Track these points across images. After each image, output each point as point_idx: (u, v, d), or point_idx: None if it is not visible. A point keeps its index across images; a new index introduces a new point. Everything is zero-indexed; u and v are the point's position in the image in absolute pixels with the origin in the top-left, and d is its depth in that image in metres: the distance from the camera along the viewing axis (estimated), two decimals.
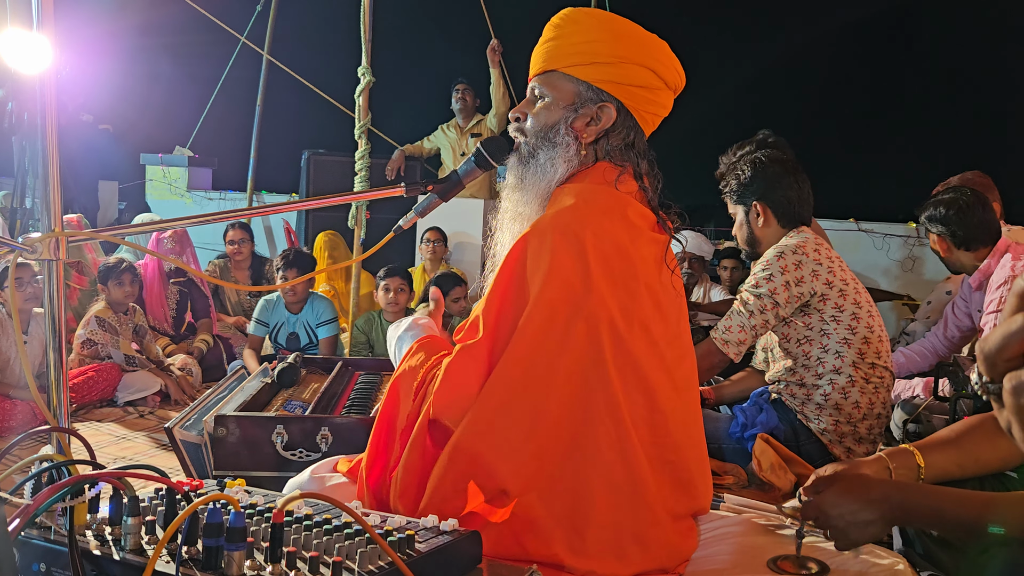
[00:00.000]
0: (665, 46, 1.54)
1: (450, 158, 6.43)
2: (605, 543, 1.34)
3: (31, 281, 3.62)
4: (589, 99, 1.51)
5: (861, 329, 2.53)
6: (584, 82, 1.50)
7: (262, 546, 1.00)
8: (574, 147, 1.51)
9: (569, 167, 1.51)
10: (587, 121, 1.51)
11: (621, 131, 1.52)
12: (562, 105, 1.52)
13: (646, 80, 1.50)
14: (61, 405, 1.31)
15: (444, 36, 9.69)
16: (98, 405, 3.94)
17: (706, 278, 5.32)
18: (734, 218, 2.81)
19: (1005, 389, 0.74)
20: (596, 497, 1.35)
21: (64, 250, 1.27)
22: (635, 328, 1.39)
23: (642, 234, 1.47)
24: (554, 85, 1.53)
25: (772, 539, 1.64)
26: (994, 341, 0.76)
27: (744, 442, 2.56)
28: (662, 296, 1.48)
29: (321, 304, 4.44)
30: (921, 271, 6.19)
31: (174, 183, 8.37)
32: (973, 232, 3.07)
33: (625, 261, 1.40)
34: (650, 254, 1.48)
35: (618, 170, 1.50)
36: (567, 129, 1.51)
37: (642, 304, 1.41)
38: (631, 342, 1.38)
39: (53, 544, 1.03)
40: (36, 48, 1.33)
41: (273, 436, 2.27)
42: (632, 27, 1.52)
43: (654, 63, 1.51)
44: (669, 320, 1.49)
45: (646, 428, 1.41)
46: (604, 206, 1.44)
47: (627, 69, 1.49)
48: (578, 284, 1.36)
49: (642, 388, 1.40)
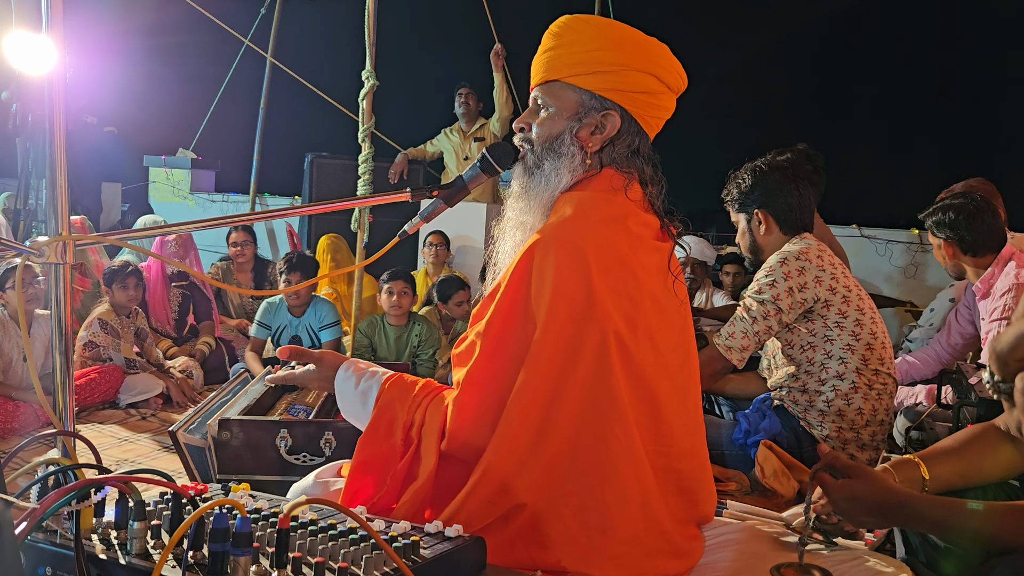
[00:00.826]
0: (666, 49, 1.53)
1: (453, 162, 6.44)
2: (613, 552, 1.35)
3: (32, 282, 3.63)
4: (593, 108, 1.50)
5: (864, 335, 2.53)
6: (587, 91, 1.50)
7: (267, 551, 1.00)
8: (579, 156, 1.50)
9: (574, 176, 1.50)
10: (592, 130, 1.51)
11: (626, 138, 1.52)
12: (566, 115, 1.51)
13: (649, 86, 1.50)
14: (67, 408, 1.32)
15: (448, 40, 9.69)
16: (100, 407, 3.95)
17: (708, 283, 5.32)
18: (737, 226, 2.82)
19: (1017, 388, 0.75)
20: (609, 508, 1.35)
21: (72, 254, 1.27)
22: (640, 338, 1.39)
23: (643, 243, 1.47)
24: (557, 95, 1.52)
25: (775, 546, 1.64)
26: (1006, 341, 0.76)
27: (747, 448, 2.56)
28: (665, 304, 1.48)
29: (324, 307, 4.45)
30: (924, 277, 6.18)
31: (177, 185, 8.38)
32: (981, 238, 3.06)
33: (628, 271, 1.40)
34: (652, 262, 1.48)
35: (624, 177, 1.50)
36: (572, 139, 1.50)
37: (646, 313, 1.41)
38: (637, 352, 1.38)
39: (59, 548, 1.03)
40: (42, 50, 1.34)
41: (277, 440, 2.28)
42: (632, 32, 1.52)
43: (655, 68, 1.50)
44: (673, 327, 1.49)
45: (652, 438, 1.41)
46: (605, 216, 1.44)
47: (629, 76, 1.49)
48: (582, 299, 1.35)
49: (648, 397, 1.40)
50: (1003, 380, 0.74)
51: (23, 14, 1.50)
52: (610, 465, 1.35)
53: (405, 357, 4.33)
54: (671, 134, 1.68)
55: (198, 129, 8.58)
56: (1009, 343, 0.71)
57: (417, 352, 4.37)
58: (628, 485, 1.36)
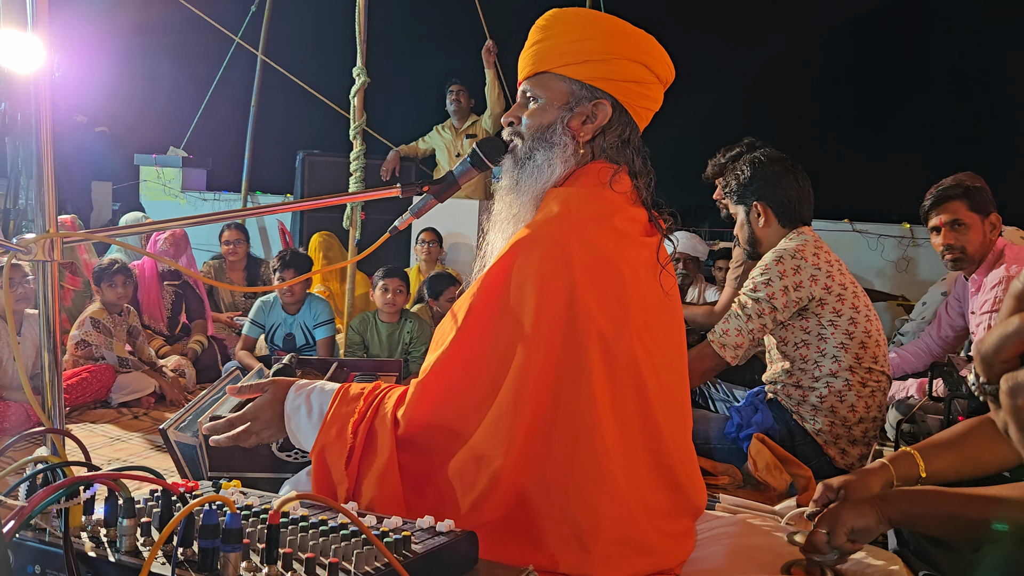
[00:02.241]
0: (653, 40, 1.53)
1: (445, 159, 6.43)
2: (604, 548, 1.34)
3: (22, 282, 3.61)
4: (583, 97, 1.50)
5: (859, 333, 2.53)
6: (577, 81, 1.50)
7: (258, 547, 1.00)
8: (572, 146, 1.50)
9: (566, 167, 1.50)
10: (583, 120, 1.50)
11: (617, 128, 1.52)
12: (557, 105, 1.51)
13: (638, 75, 1.50)
14: (56, 406, 1.31)
15: (439, 37, 9.68)
16: (92, 406, 3.93)
17: (701, 278, 5.33)
18: (735, 218, 2.80)
19: (1002, 390, 0.74)
20: (598, 509, 1.34)
21: (59, 251, 1.27)
22: (626, 336, 1.38)
23: (630, 239, 1.45)
24: (546, 86, 1.52)
25: (767, 539, 1.65)
26: (991, 342, 0.76)
27: (740, 442, 2.57)
28: (652, 300, 1.47)
29: (319, 305, 4.44)
30: (915, 272, 6.21)
31: (168, 184, 8.35)
32: (988, 198, 3.03)
33: (613, 271, 1.39)
34: (639, 258, 1.46)
35: (613, 168, 1.49)
36: (564, 128, 1.50)
37: (632, 312, 1.40)
38: (623, 352, 1.37)
39: (48, 546, 1.03)
40: (30, 48, 1.33)
41: None
42: (619, 23, 1.52)
43: (644, 57, 1.50)
44: (661, 324, 1.48)
45: (641, 434, 1.41)
46: (591, 214, 1.43)
47: (619, 65, 1.49)
48: (565, 300, 1.35)
49: (638, 394, 1.40)
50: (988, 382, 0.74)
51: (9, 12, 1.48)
52: (594, 465, 1.34)
53: (397, 354, 4.33)
54: (664, 130, 1.68)
55: (189, 127, 8.55)
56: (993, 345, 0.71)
57: (409, 349, 4.37)
58: (616, 485, 1.35)
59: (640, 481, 1.40)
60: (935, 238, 3.13)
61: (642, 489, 1.40)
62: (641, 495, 1.39)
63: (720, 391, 3.19)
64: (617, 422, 1.37)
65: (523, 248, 1.38)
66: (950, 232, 3.06)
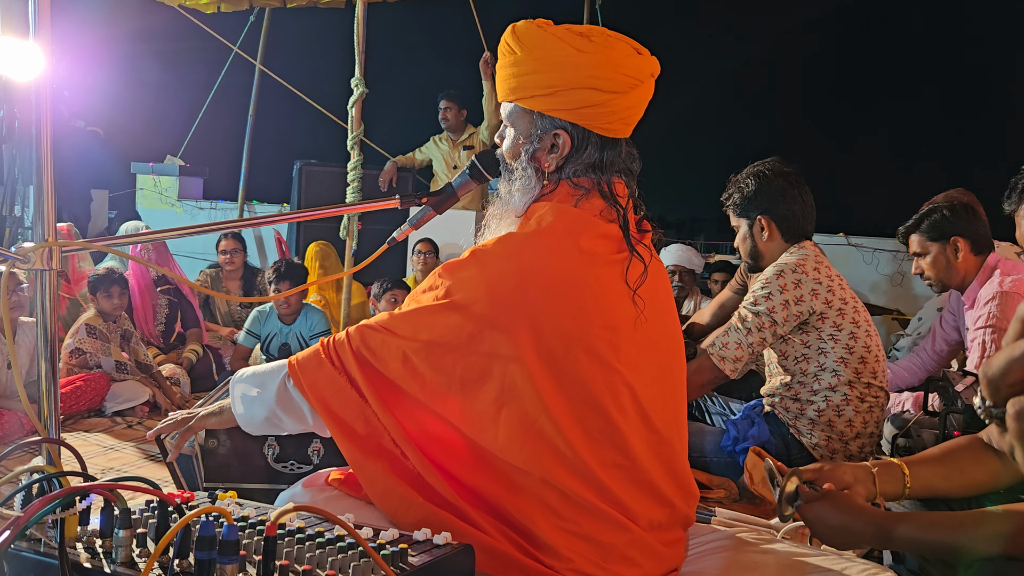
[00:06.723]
0: (604, 49, 1.44)
1: (442, 169, 6.44)
2: (592, 562, 1.35)
3: (16, 290, 3.60)
4: (544, 128, 1.48)
5: (858, 348, 2.53)
6: (536, 112, 1.48)
7: (254, 559, 0.99)
8: (535, 179, 1.50)
9: (529, 198, 1.50)
10: (547, 151, 1.49)
11: (583, 151, 1.48)
12: (522, 138, 1.50)
13: (589, 99, 1.44)
14: (52, 416, 1.31)
15: (437, 48, 9.73)
16: (86, 415, 3.92)
17: (696, 291, 5.33)
18: (737, 230, 2.79)
19: (1008, 414, 0.75)
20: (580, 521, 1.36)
21: (57, 260, 1.27)
22: (576, 352, 1.38)
23: (596, 259, 1.43)
24: (514, 116, 1.52)
25: (762, 554, 1.64)
26: (997, 366, 0.76)
27: (736, 456, 2.56)
28: (620, 321, 1.44)
29: (315, 315, 4.43)
30: (910, 286, 6.22)
31: (165, 192, 8.34)
32: (985, 231, 3.03)
33: (572, 288, 1.39)
34: (607, 275, 1.44)
35: (579, 192, 1.48)
36: (529, 160, 1.50)
37: (590, 330, 1.39)
38: (572, 368, 1.38)
39: (43, 557, 1.02)
40: (29, 56, 1.33)
41: (264, 448, 2.26)
42: (561, 47, 1.43)
43: (592, 80, 1.43)
44: (632, 341, 1.45)
45: (610, 447, 1.41)
46: (563, 230, 1.42)
47: (566, 96, 1.45)
48: (516, 312, 1.37)
49: (596, 411, 1.40)
50: (995, 405, 0.74)
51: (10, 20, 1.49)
52: (559, 480, 1.36)
53: None
54: (660, 144, 1.68)
55: (186, 136, 8.55)
56: (1000, 368, 0.71)
57: None
58: (588, 500, 1.37)
59: (617, 495, 1.40)
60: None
61: (621, 502, 1.40)
62: (623, 509, 1.40)
63: (717, 404, 3.19)
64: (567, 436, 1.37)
65: (486, 254, 1.42)
66: (918, 262, 3.17)
